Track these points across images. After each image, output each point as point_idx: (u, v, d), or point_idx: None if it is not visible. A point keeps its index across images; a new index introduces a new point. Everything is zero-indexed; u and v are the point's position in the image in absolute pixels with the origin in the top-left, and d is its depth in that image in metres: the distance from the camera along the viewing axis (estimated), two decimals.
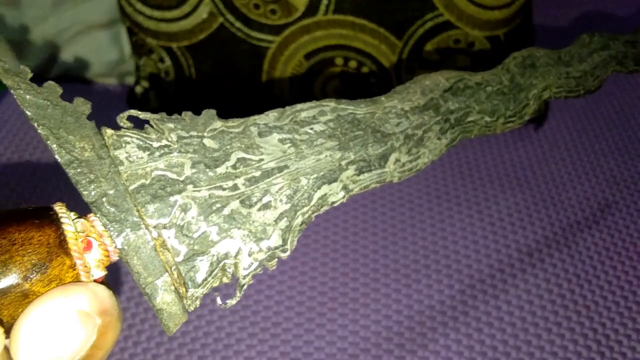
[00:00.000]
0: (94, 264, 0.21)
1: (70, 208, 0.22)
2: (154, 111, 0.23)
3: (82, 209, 0.22)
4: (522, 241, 0.60)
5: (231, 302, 0.24)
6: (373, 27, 0.63)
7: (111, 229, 0.21)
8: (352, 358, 0.50)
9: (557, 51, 0.38)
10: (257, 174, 0.24)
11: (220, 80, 0.68)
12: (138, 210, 0.22)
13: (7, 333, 0.19)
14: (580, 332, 0.52)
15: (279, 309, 0.54)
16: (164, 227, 0.22)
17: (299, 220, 0.25)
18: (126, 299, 0.53)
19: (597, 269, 0.57)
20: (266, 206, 0.24)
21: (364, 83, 0.67)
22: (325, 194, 0.25)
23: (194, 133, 0.24)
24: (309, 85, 0.67)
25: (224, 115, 0.26)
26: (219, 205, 0.23)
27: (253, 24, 0.63)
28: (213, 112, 0.25)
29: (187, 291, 0.22)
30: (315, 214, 0.25)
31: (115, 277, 0.54)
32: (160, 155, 0.23)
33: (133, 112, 0.24)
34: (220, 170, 0.24)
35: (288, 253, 0.24)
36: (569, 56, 0.38)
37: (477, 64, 0.66)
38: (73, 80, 0.78)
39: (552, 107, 0.75)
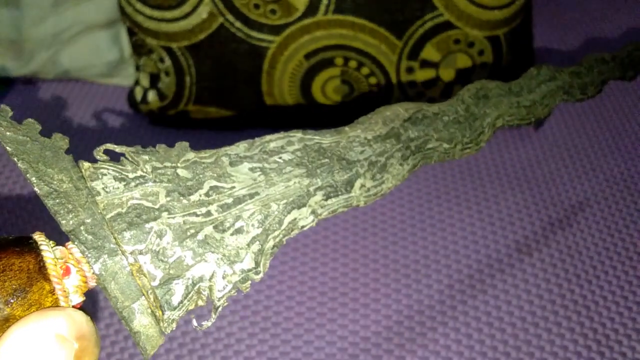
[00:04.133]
0: (72, 289, 0.22)
1: (49, 237, 0.23)
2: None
3: (60, 238, 0.23)
4: (522, 241, 0.60)
5: (207, 324, 0.25)
6: (373, 27, 0.63)
7: (89, 255, 0.22)
8: (352, 358, 0.50)
9: (508, 83, 0.40)
10: (230, 200, 0.26)
11: (220, 80, 0.68)
12: (115, 238, 0.23)
13: None
14: (580, 332, 0.52)
15: (279, 309, 0.54)
16: (140, 252, 0.23)
17: (271, 243, 0.26)
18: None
19: (597, 269, 0.57)
20: (239, 231, 0.25)
21: (364, 83, 0.67)
22: (295, 219, 0.27)
23: (168, 164, 0.25)
24: (308, 85, 0.67)
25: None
26: (193, 230, 0.24)
27: (253, 24, 0.63)
28: (186, 144, 0.27)
29: (163, 314, 0.23)
30: (286, 237, 0.27)
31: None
32: (136, 185, 0.24)
33: (109, 145, 0.25)
34: (194, 198, 0.25)
35: (261, 275, 0.26)
36: (519, 87, 0.40)
37: (477, 64, 0.66)
38: (73, 80, 0.78)
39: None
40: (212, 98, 0.69)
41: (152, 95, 0.70)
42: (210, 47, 0.65)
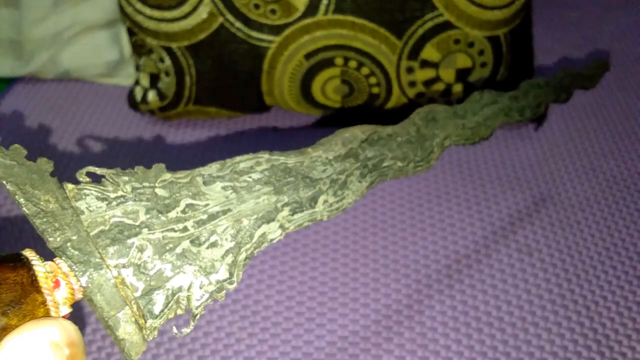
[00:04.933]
0: (62, 301, 0.24)
1: (37, 254, 0.24)
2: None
3: (45, 254, 0.25)
4: (522, 241, 0.60)
5: (186, 330, 0.27)
6: (373, 27, 0.63)
7: (76, 269, 0.24)
8: (353, 358, 0.50)
9: (454, 106, 0.43)
10: (204, 217, 0.28)
11: (220, 80, 0.68)
12: (99, 253, 0.25)
13: None
14: (580, 332, 0.52)
15: (279, 309, 0.54)
16: (123, 266, 0.25)
17: (243, 255, 0.28)
18: None
19: (597, 269, 0.57)
20: (213, 244, 0.28)
21: (364, 83, 0.67)
22: (265, 233, 0.29)
23: (146, 184, 0.28)
24: (308, 86, 0.67)
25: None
26: (172, 245, 0.27)
27: (253, 24, 0.63)
28: (162, 165, 0.29)
29: (146, 322, 0.25)
30: (257, 250, 0.29)
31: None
32: (117, 204, 0.26)
33: (91, 168, 0.27)
34: (172, 215, 0.27)
35: (235, 285, 0.28)
36: (464, 110, 0.44)
37: (477, 64, 0.66)
38: (73, 80, 0.78)
39: (552, 107, 0.75)
40: (212, 98, 0.69)
41: (152, 95, 0.70)
42: (210, 47, 0.65)
